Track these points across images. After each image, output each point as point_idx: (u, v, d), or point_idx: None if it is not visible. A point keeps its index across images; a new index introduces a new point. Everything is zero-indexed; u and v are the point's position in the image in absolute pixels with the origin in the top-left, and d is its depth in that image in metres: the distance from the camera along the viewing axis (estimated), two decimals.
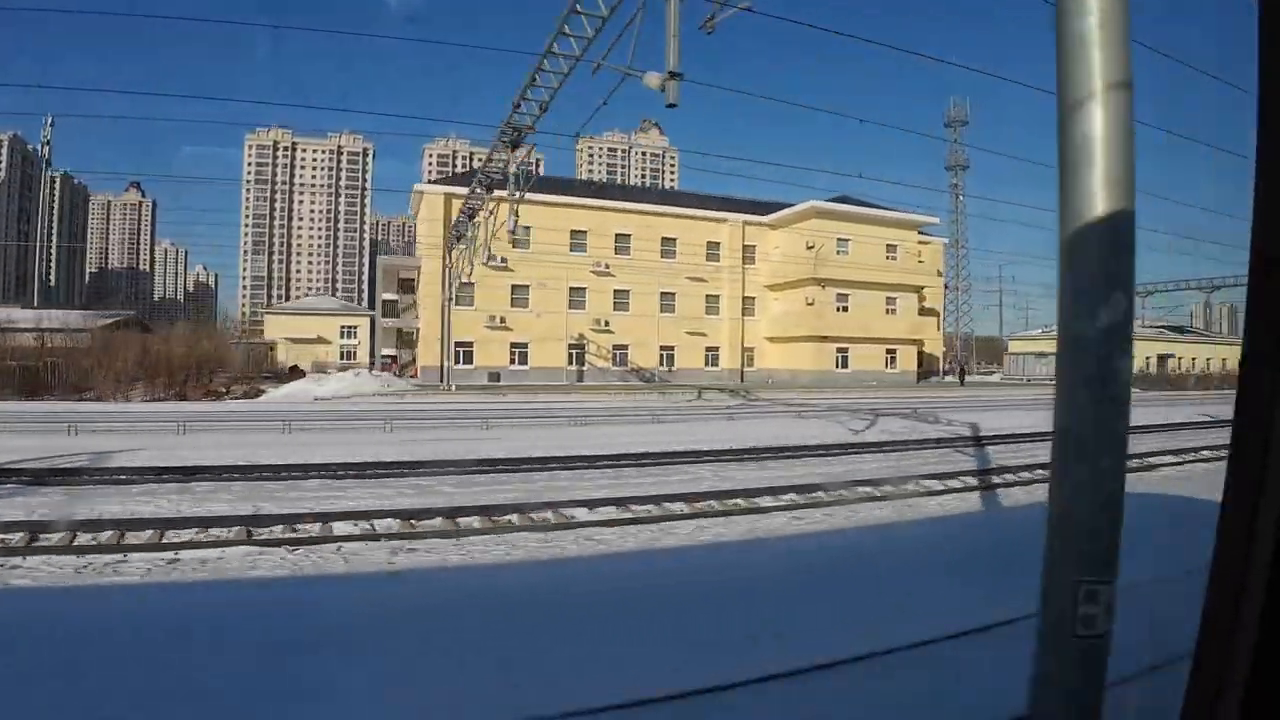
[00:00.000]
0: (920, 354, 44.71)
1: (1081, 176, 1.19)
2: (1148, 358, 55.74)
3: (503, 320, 36.27)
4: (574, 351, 37.48)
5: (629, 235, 38.32)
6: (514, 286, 36.67)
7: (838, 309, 38.97)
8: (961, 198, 55.81)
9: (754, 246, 40.76)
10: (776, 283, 40.18)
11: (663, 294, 38.92)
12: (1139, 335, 56.08)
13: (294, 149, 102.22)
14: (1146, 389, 46.73)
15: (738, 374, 40.02)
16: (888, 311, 40.31)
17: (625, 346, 38.28)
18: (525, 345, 36.79)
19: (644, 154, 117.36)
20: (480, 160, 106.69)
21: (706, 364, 39.85)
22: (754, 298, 40.88)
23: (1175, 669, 1.11)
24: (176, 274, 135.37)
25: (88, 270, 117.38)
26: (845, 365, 38.96)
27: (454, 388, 30.16)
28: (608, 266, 37.68)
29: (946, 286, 55.23)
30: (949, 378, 51.98)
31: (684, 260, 39.04)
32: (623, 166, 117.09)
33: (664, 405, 26.53)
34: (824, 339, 38.19)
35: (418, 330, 37.48)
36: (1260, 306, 0.89)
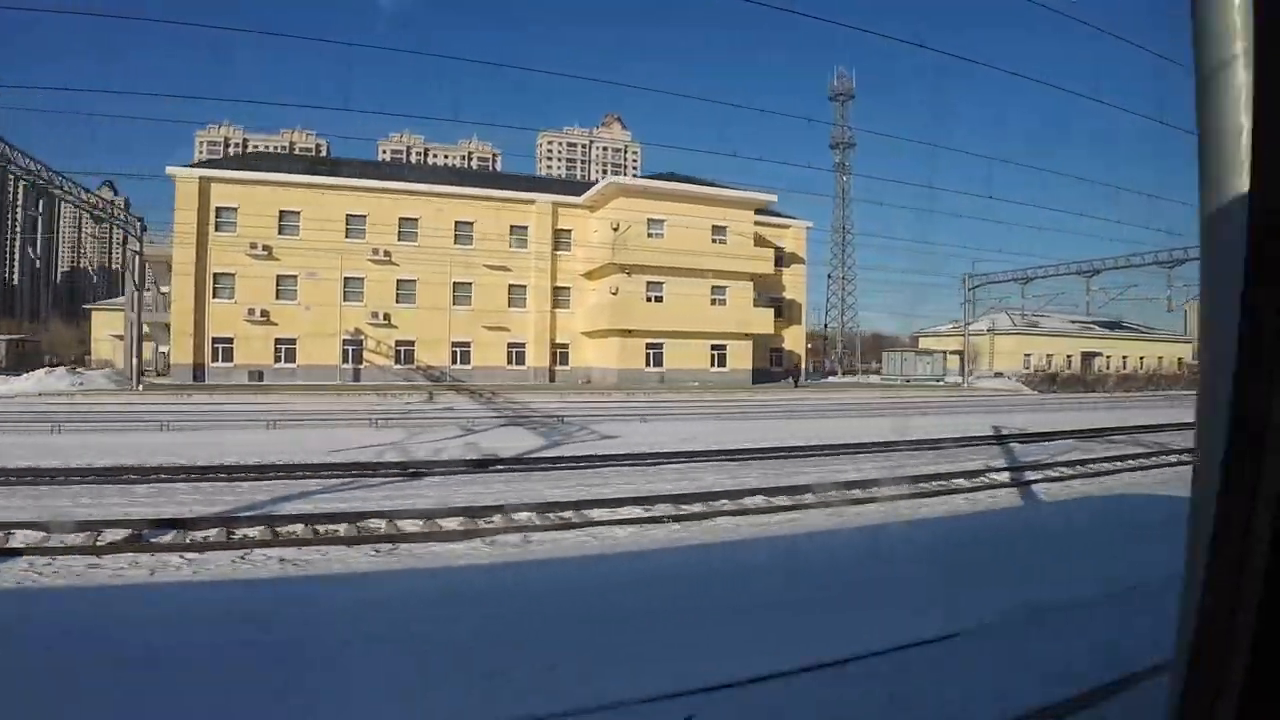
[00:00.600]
0: (775, 351, 39.78)
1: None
2: (1069, 356, 49.40)
3: (265, 314, 32.90)
4: (350, 348, 33.88)
5: (416, 220, 34.54)
6: (280, 277, 33.25)
7: (649, 299, 34.41)
8: (847, 178, 50.29)
9: (570, 231, 36.52)
10: (592, 270, 35.86)
11: (456, 284, 34.99)
12: (1061, 332, 49.86)
13: (245, 145, 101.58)
14: (1052, 391, 40.81)
15: (546, 373, 35.84)
16: (714, 302, 35.53)
17: (411, 342, 34.46)
18: (293, 341, 33.35)
19: (605, 149, 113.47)
20: (435, 156, 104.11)
21: (510, 362, 35.74)
22: (568, 288, 36.60)
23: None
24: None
25: (58, 269, 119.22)
26: (658, 363, 34.36)
27: (141, 388, 26.87)
28: (388, 254, 33.96)
29: (830, 277, 49.93)
30: (831, 377, 46.74)
31: (483, 247, 35.03)
32: (583, 161, 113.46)
33: (323, 409, 22.63)
34: (629, 333, 33.69)
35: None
36: (1255, 307, 0.88)
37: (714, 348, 35.39)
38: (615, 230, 33.34)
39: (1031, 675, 3.10)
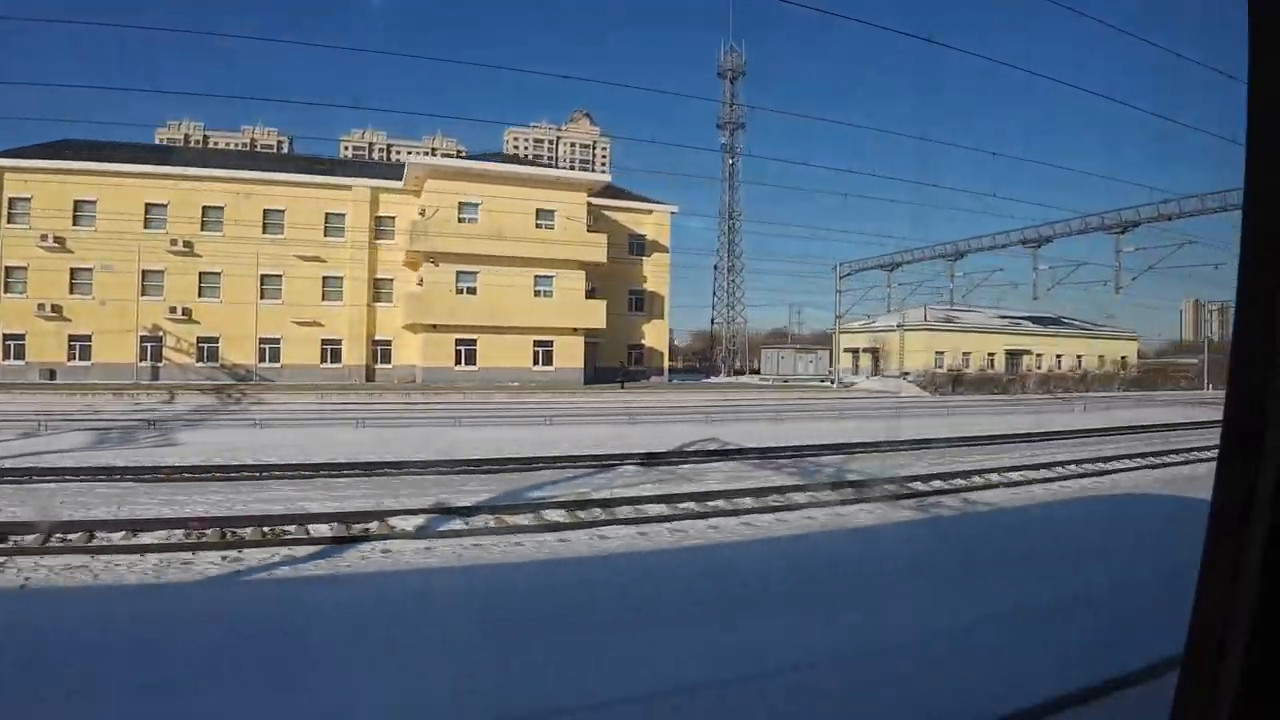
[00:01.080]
0: (635, 349, 36.64)
1: None
2: (990, 354, 44.86)
3: (58, 309, 31.12)
4: (149, 345, 31.89)
5: (221, 208, 32.36)
6: (75, 270, 31.41)
7: (460, 290, 31.61)
8: (734, 160, 46.55)
9: (394, 218, 33.88)
10: (411, 260, 33.15)
11: (265, 277, 32.71)
12: (983, 327, 45.50)
13: (205, 141, 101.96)
14: (956, 392, 36.65)
15: (363, 371, 33.29)
16: (538, 294, 32.49)
17: (215, 339, 32.32)
18: (88, 338, 31.52)
19: (572, 145, 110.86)
20: (398, 153, 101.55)
21: (325, 360, 33.30)
22: (391, 279, 33.95)
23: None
24: None
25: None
26: (471, 361, 31.52)
27: None
28: (189, 245, 31.86)
29: (717, 267, 46.22)
30: (714, 378, 43.19)
31: (295, 236, 32.68)
32: (550, 158, 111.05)
33: None
34: (434, 328, 30.93)
35: None
36: (1249, 306, 0.88)
37: (538, 344, 32.36)
38: (421, 215, 30.65)
39: None
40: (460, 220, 31.34)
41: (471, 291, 31.65)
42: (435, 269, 30.86)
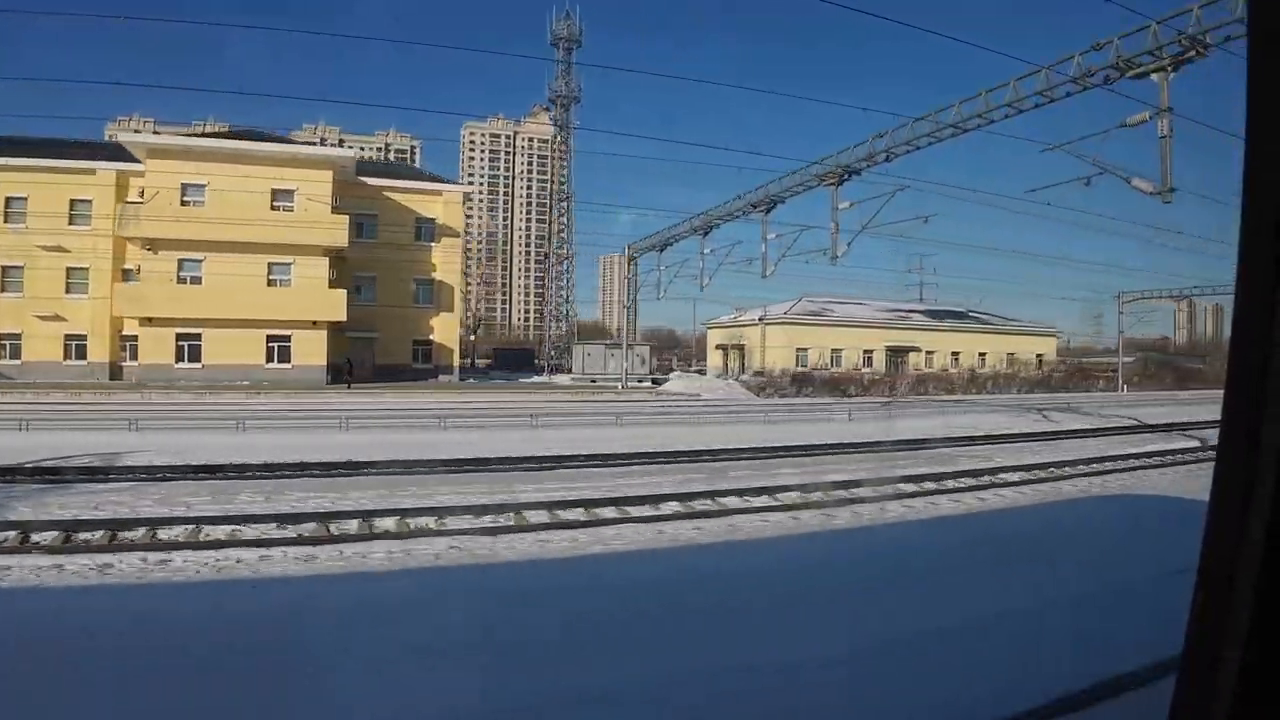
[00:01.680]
0: (422, 344, 33.17)
1: None
2: (868, 352, 39.35)
3: None
4: None
5: None
6: None
7: (182, 280, 28.71)
8: (563, 135, 42.14)
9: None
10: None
11: (5, 268, 30.63)
12: (855, 320, 40.17)
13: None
14: (803, 395, 31.66)
15: (107, 368, 30.79)
16: (273, 283, 29.29)
17: None
18: None
19: (530, 140, 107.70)
20: (351, 145, 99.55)
21: (71, 356, 30.96)
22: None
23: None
24: None
25: None
26: (195, 358, 28.58)
27: None
28: None
29: (540, 258, 42.03)
30: (536, 377, 39.16)
31: (39, 225, 30.48)
32: (507, 154, 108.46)
33: None
34: (150, 322, 28.13)
35: None
36: (1246, 308, 0.88)
37: (272, 339, 29.18)
38: (140, 196, 27.94)
39: None
40: (185, 203, 28.51)
41: (196, 281, 28.77)
42: (154, 256, 28.12)
